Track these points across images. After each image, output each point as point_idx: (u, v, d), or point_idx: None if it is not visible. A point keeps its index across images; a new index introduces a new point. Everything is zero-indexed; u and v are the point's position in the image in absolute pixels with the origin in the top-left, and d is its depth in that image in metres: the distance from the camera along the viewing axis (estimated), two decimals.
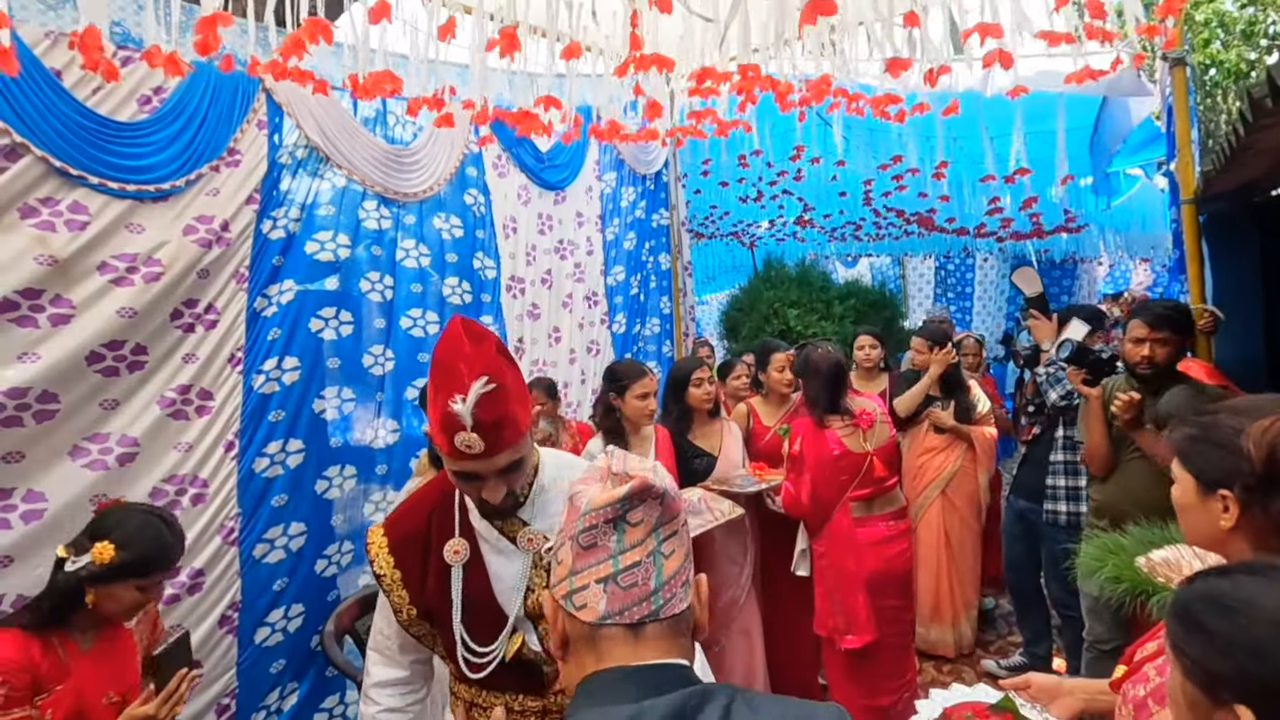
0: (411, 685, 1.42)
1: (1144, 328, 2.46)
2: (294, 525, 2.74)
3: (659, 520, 0.76)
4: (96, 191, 2.24)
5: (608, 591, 0.74)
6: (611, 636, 0.74)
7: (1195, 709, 0.73)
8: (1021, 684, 1.23)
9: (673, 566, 0.76)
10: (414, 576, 1.33)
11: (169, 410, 2.38)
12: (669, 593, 0.75)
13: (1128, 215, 6.96)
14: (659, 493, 0.77)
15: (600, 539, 0.76)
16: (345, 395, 2.96)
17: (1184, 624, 0.74)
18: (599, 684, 0.73)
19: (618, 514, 0.76)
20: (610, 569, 0.75)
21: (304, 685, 2.82)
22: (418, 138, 3.25)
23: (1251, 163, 2.04)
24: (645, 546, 0.75)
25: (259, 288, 2.63)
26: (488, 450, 1.14)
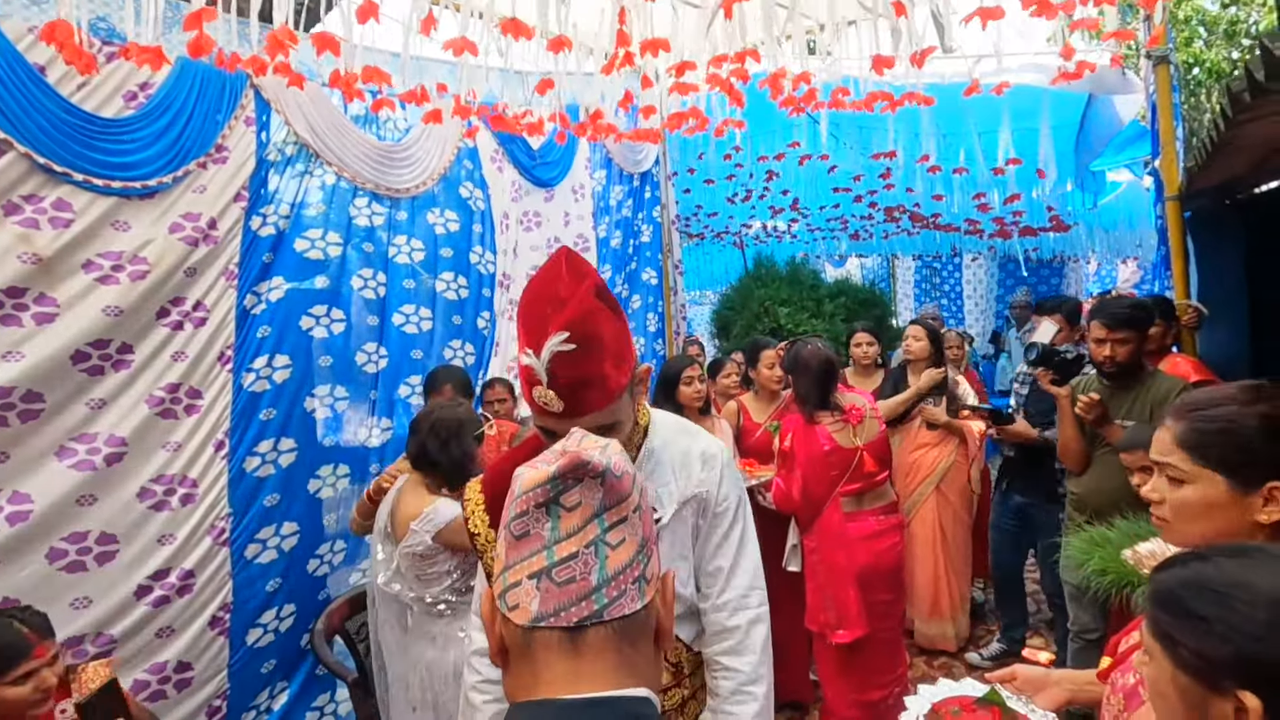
0: None
1: (1102, 329, 2.53)
2: (286, 525, 2.73)
3: (601, 504, 0.65)
4: (81, 189, 2.22)
5: (541, 588, 0.63)
6: (547, 644, 0.63)
7: (1188, 699, 0.71)
8: (1008, 675, 1.24)
9: (620, 559, 0.64)
10: None
11: (157, 409, 2.36)
12: (615, 589, 0.64)
13: (1114, 214, 7.03)
14: (597, 471, 0.65)
15: (533, 526, 0.65)
16: (338, 394, 2.94)
17: (1173, 612, 0.73)
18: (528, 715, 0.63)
19: (549, 496, 0.65)
20: (544, 561, 0.63)
21: (294, 685, 2.81)
22: (409, 134, 3.24)
23: (1233, 158, 2.07)
24: (584, 535, 0.64)
25: (249, 285, 2.61)
26: (569, 411, 1.03)
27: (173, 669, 2.40)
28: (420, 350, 3.23)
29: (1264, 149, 1.92)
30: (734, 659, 1.23)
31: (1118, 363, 2.52)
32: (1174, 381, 2.53)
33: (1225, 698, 0.67)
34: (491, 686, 1.34)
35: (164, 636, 2.37)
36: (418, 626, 2.19)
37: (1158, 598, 0.75)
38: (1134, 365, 2.55)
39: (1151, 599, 0.75)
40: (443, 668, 2.12)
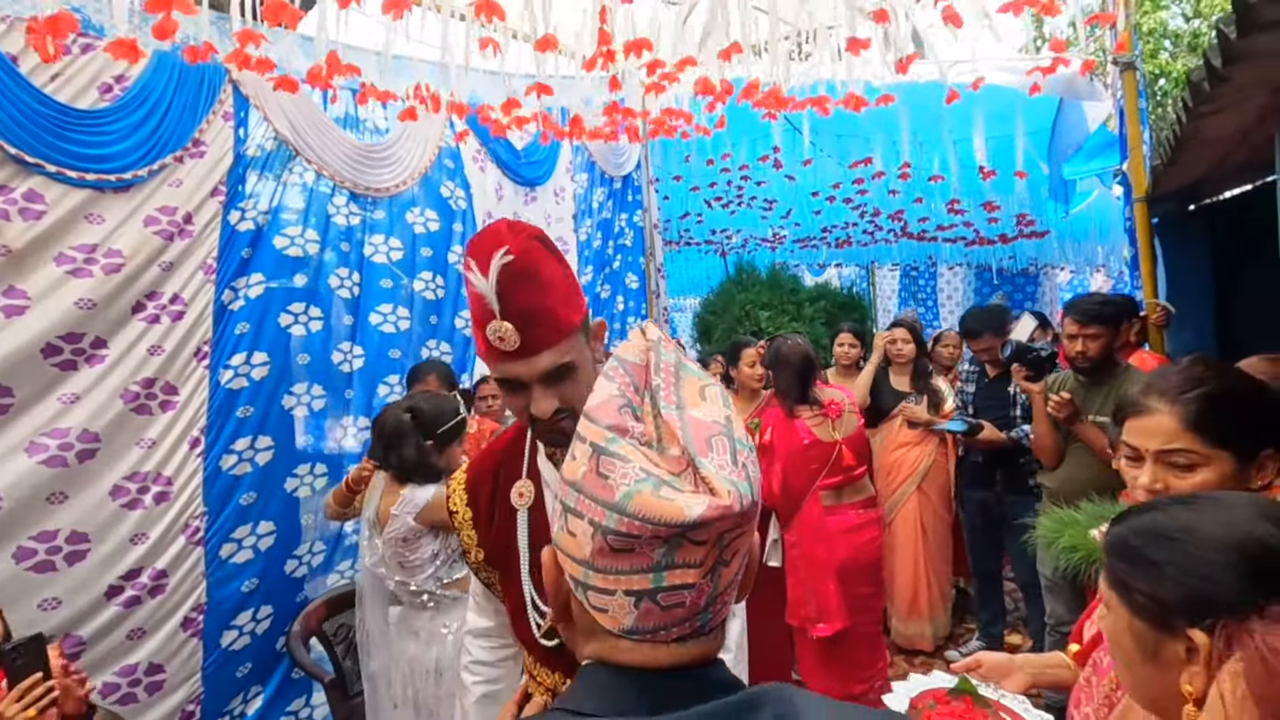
0: (501, 639, 1.34)
1: (1074, 325, 2.58)
2: (263, 524, 2.69)
3: (729, 534, 0.55)
4: (53, 180, 2.19)
5: (640, 608, 0.55)
6: (633, 647, 0.57)
7: (1143, 643, 0.73)
8: (973, 664, 1.25)
9: (731, 572, 0.57)
10: (482, 517, 1.25)
11: (132, 405, 2.32)
12: (721, 603, 0.57)
13: (1085, 223, 7.18)
14: (747, 515, 0.54)
15: (641, 548, 0.54)
16: (315, 393, 2.91)
17: (1127, 559, 0.75)
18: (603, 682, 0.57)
19: (676, 534, 0.53)
20: (648, 584, 0.54)
21: (269, 689, 2.75)
22: (389, 133, 3.24)
23: (1197, 154, 2.13)
24: (704, 566, 0.54)
25: (227, 280, 2.58)
26: (525, 347, 1.00)
27: (144, 671, 2.34)
28: (398, 350, 3.21)
29: (1227, 143, 1.98)
30: None
31: (1090, 358, 2.57)
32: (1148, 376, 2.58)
33: (1177, 638, 0.69)
34: (483, 669, 1.33)
35: (135, 638, 2.32)
36: (403, 621, 2.18)
37: (1113, 548, 0.76)
38: (1106, 360, 2.60)
39: (1107, 549, 0.77)
40: (424, 664, 2.12)
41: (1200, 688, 0.67)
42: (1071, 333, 2.60)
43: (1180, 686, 0.68)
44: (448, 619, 2.13)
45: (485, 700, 1.32)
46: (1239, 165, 2.51)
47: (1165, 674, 0.70)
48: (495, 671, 1.33)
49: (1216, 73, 1.24)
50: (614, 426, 0.56)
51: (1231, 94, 1.42)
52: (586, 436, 0.57)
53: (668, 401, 0.58)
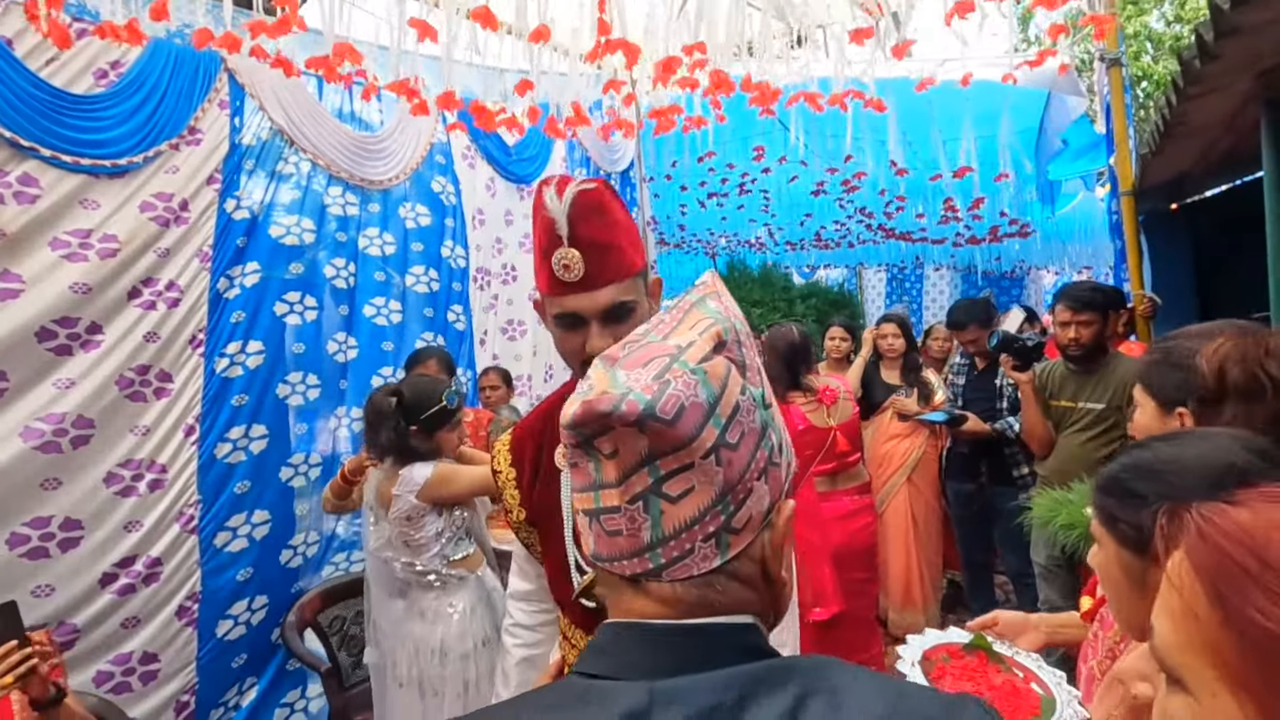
0: (541, 603, 1.34)
1: (1067, 311, 2.63)
2: (257, 513, 2.67)
3: (649, 452, 0.52)
4: (48, 164, 2.18)
5: (593, 530, 0.56)
6: (609, 581, 0.56)
7: (1131, 574, 0.75)
8: (990, 621, 1.28)
9: (683, 514, 0.52)
10: (526, 478, 1.25)
11: (127, 391, 2.31)
12: (676, 549, 0.53)
13: (1070, 225, 7.29)
14: (628, 418, 0.51)
15: (579, 460, 0.55)
16: (310, 382, 2.90)
17: (1114, 495, 0.77)
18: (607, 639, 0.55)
19: (577, 439, 0.54)
20: (592, 503, 0.55)
21: (263, 680, 2.73)
22: (384, 126, 3.24)
23: (1183, 144, 2.17)
24: (628, 488, 0.53)
25: (222, 268, 2.57)
26: (589, 278, 0.99)
27: (138, 660, 2.32)
28: (391, 342, 3.21)
29: (1213, 130, 2.02)
30: None
31: (1083, 344, 2.61)
32: (1136, 363, 2.63)
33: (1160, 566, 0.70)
34: (524, 631, 1.34)
35: (129, 627, 2.30)
36: (411, 604, 2.16)
37: (1103, 486, 0.79)
38: (1097, 348, 2.65)
39: (1098, 489, 0.80)
40: (429, 643, 2.11)
41: None
42: (1064, 320, 2.64)
43: None
44: (454, 598, 2.12)
45: (525, 664, 1.33)
46: (1223, 156, 2.57)
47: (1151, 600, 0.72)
48: (535, 635, 1.34)
49: (1208, 48, 1.27)
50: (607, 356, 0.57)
51: (1219, 74, 1.46)
52: None
53: (658, 334, 0.58)
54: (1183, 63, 1.43)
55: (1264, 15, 1.17)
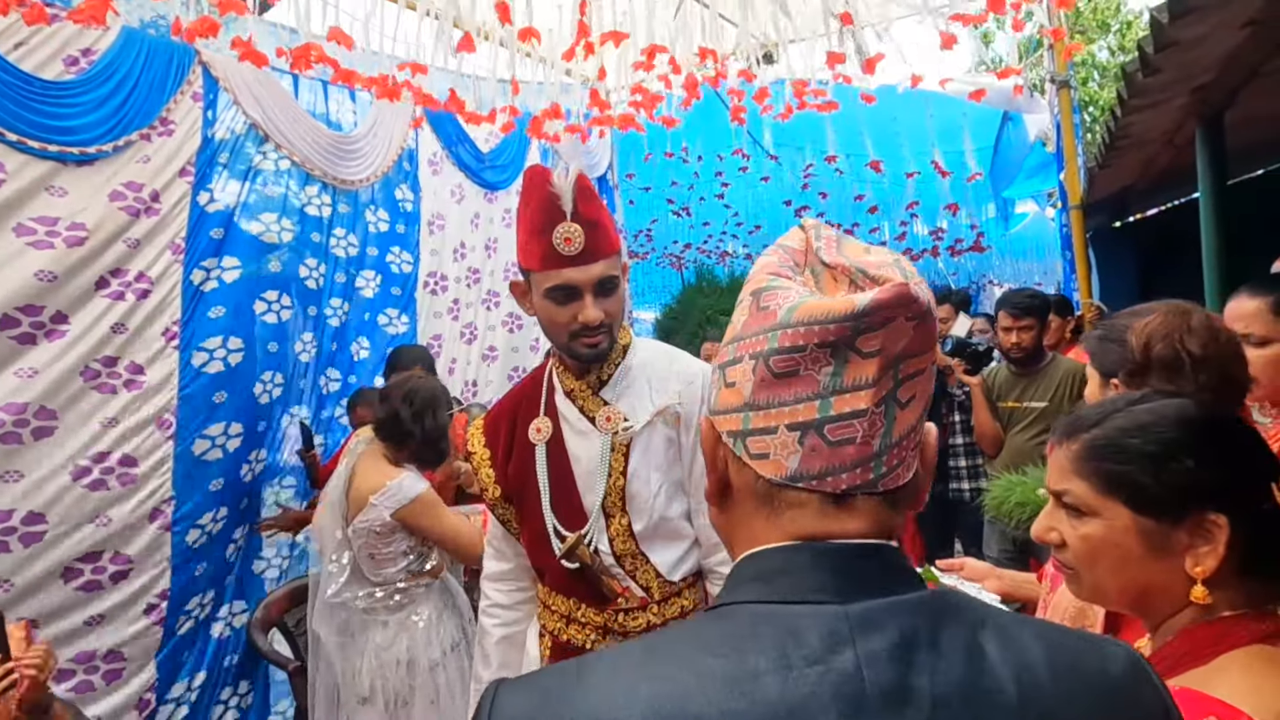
0: (518, 582, 1.39)
1: (1009, 318, 2.85)
2: (222, 509, 2.62)
3: (904, 351, 0.49)
4: (15, 150, 2.13)
5: (805, 444, 0.49)
6: (799, 503, 0.51)
7: (1147, 538, 0.73)
8: (956, 565, 1.35)
9: (908, 420, 0.51)
10: (499, 455, 1.32)
11: (93, 383, 2.26)
12: (896, 457, 0.51)
13: (1023, 243, 7.61)
14: (921, 309, 0.48)
15: (806, 367, 0.49)
16: (277, 381, 2.87)
17: (1115, 460, 0.75)
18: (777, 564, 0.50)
19: (844, 336, 0.48)
20: (815, 413, 0.49)
21: (220, 677, 2.68)
22: (358, 127, 3.24)
23: (1127, 156, 2.32)
24: (878, 390, 0.49)
25: (195, 261, 2.53)
26: (585, 252, 1.10)
27: (102, 658, 2.26)
28: (336, 343, 3.20)
29: (1154, 145, 2.17)
30: None
31: (1024, 348, 2.83)
32: (1072, 363, 2.84)
33: (1183, 526, 0.72)
34: (502, 611, 1.38)
35: (94, 624, 2.24)
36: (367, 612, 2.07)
37: (1098, 452, 0.77)
38: (1037, 350, 2.87)
39: (1090, 455, 0.77)
40: (394, 654, 2.03)
41: (1210, 567, 0.70)
42: (1006, 325, 2.85)
43: (1185, 571, 0.72)
44: (419, 608, 2.06)
45: (505, 642, 1.37)
46: (1162, 173, 2.74)
47: (1166, 564, 0.73)
48: (514, 614, 1.38)
49: (1149, 61, 1.38)
50: (774, 273, 0.54)
51: (1159, 88, 1.58)
52: (743, 295, 0.55)
53: (830, 255, 0.54)
54: (1126, 75, 1.54)
55: (1198, 30, 1.29)
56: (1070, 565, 0.80)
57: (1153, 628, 0.78)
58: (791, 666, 0.44)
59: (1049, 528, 0.82)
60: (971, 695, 0.45)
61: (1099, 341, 1.17)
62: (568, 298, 1.15)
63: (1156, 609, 0.76)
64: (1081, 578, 0.79)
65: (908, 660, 0.45)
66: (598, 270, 1.14)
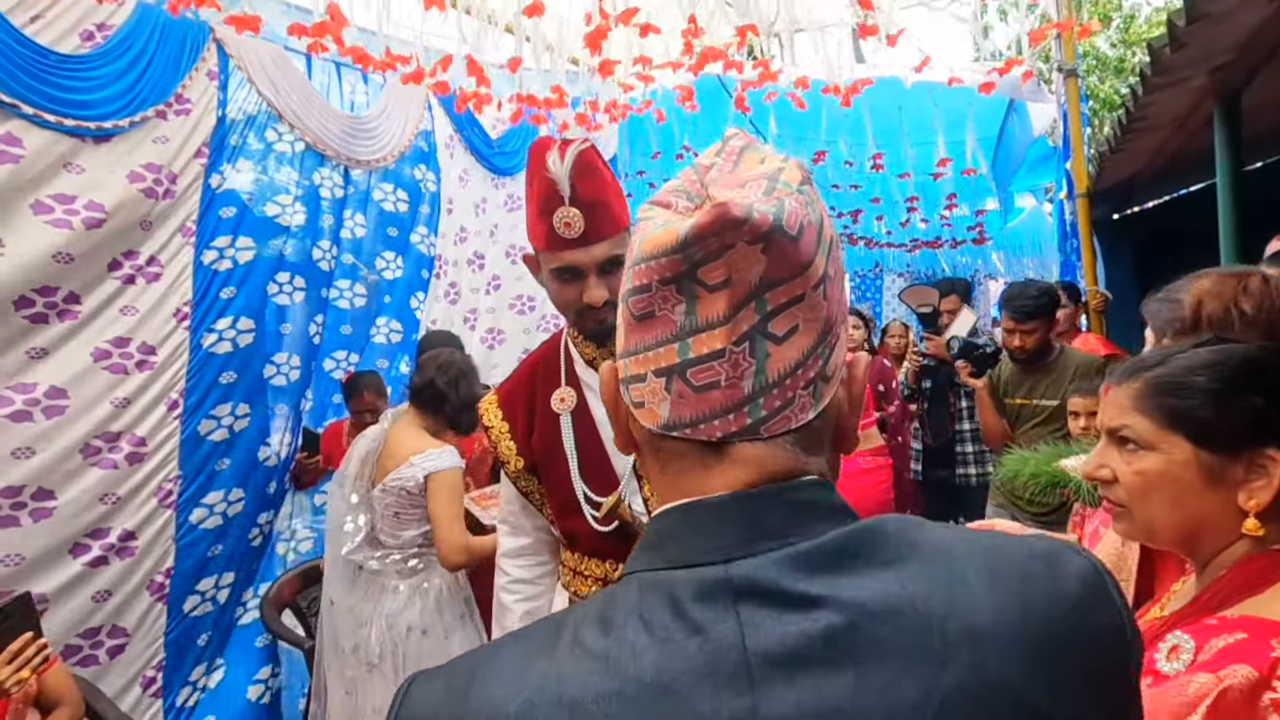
0: (538, 556, 1.38)
1: (1012, 321, 2.69)
2: (234, 491, 2.62)
3: (762, 281, 0.44)
4: (32, 124, 2.11)
5: (672, 391, 0.46)
6: (682, 453, 0.47)
7: (1206, 471, 0.76)
8: (987, 526, 1.36)
9: (789, 356, 0.45)
10: (521, 427, 1.31)
11: (104, 363, 2.24)
12: (779, 398, 0.45)
13: (1019, 238, 7.65)
14: (759, 231, 0.42)
15: (659, 307, 0.45)
16: (293, 363, 2.87)
17: (1178, 395, 0.77)
18: (665, 526, 0.47)
19: (680, 269, 0.44)
20: (675, 357, 0.45)
21: (228, 658, 2.68)
22: (372, 107, 3.23)
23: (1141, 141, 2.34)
24: (734, 326, 0.44)
25: (206, 242, 2.52)
26: (587, 234, 1.10)
27: (106, 634, 2.26)
28: (349, 325, 3.19)
29: (1167, 129, 2.19)
30: None
31: (1028, 350, 2.70)
32: (1084, 356, 2.74)
33: (1240, 461, 0.75)
34: (523, 586, 1.37)
35: (100, 600, 2.23)
36: (374, 580, 2.10)
37: (1162, 388, 0.79)
38: (1044, 349, 2.73)
39: (1153, 392, 0.80)
40: (405, 620, 2.05)
41: (1264, 501, 0.74)
42: (1009, 328, 2.70)
43: (1239, 504, 0.75)
44: (431, 576, 2.08)
45: (528, 617, 1.36)
46: (1170, 159, 2.76)
47: (1219, 496, 0.76)
48: (535, 588, 1.37)
49: (1177, 35, 1.40)
50: (656, 203, 0.49)
51: (1183, 64, 1.60)
52: None
53: (719, 173, 0.48)
54: (1151, 51, 1.56)
55: (1228, 4, 1.30)
56: (1121, 502, 0.82)
57: (1200, 564, 0.81)
58: (670, 639, 0.41)
59: (1100, 464, 0.85)
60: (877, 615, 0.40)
61: (1158, 302, 1.18)
62: (572, 278, 1.16)
63: (1206, 543, 0.79)
64: (1134, 514, 0.82)
65: (801, 615, 0.40)
66: (600, 251, 1.13)
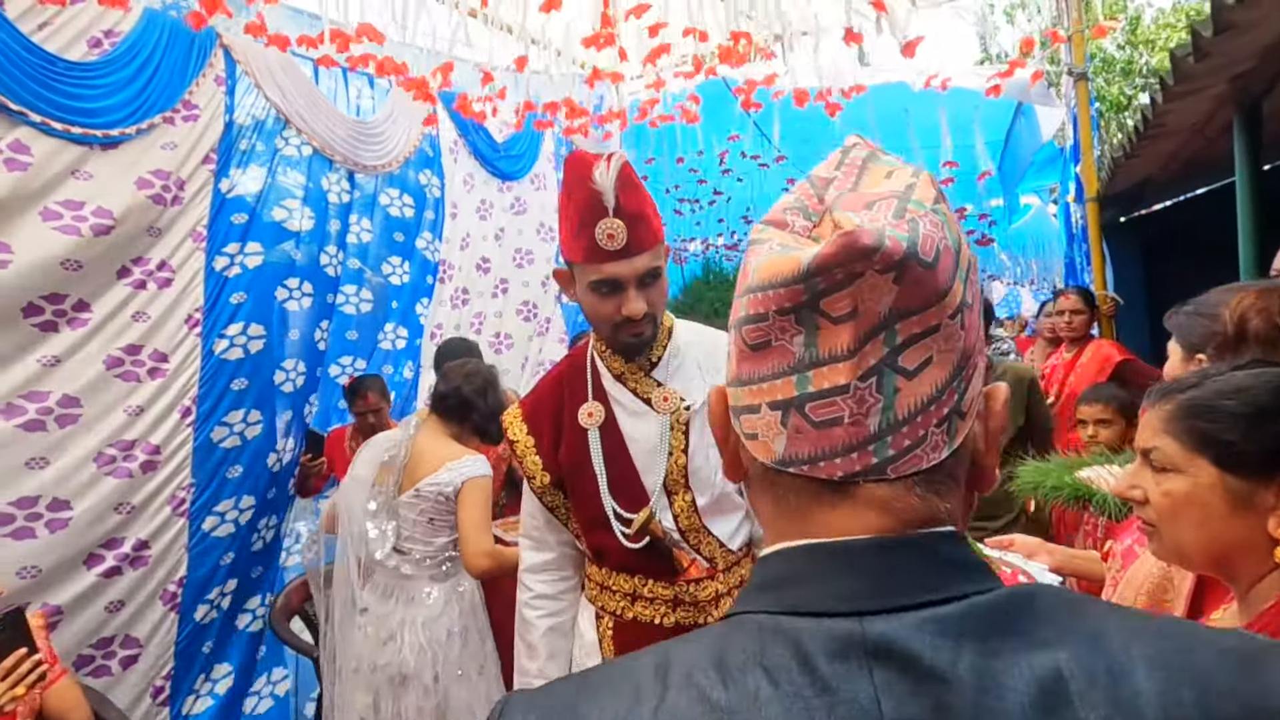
0: (561, 571, 1.38)
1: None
2: (244, 499, 2.61)
3: (892, 311, 0.40)
4: (40, 131, 2.10)
5: (789, 425, 0.42)
6: (800, 489, 0.44)
7: (1233, 495, 0.76)
8: (1005, 543, 1.35)
9: (920, 392, 0.41)
10: (546, 442, 1.30)
11: (117, 371, 2.23)
12: (910, 436, 0.42)
13: (1023, 239, 7.62)
14: (890, 260, 0.39)
15: (776, 337, 0.42)
16: (299, 369, 2.86)
17: (1207, 419, 0.78)
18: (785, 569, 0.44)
19: (802, 300, 0.41)
20: (793, 390, 0.42)
21: (235, 664, 2.67)
22: (378, 113, 3.22)
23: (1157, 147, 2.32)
24: (859, 361, 0.41)
25: (217, 248, 2.51)
26: (630, 245, 1.10)
27: (119, 644, 2.25)
28: (354, 331, 3.18)
29: (1183, 135, 2.17)
30: None
31: None
32: (1018, 368, 2.69)
33: (1270, 488, 0.75)
34: (547, 602, 1.36)
35: (113, 610, 2.23)
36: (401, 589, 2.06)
37: (1191, 411, 0.80)
38: None
39: (1183, 415, 0.80)
40: (444, 625, 2.00)
41: None
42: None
43: (1269, 532, 0.75)
44: (463, 579, 2.05)
45: (552, 633, 1.35)
46: (1184, 165, 2.75)
47: (1248, 522, 0.76)
48: (559, 604, 1.36)
49: (1201, 46, 1.38)
50: (771, 222, 0.46)
51: (1205, 73, 1.58)
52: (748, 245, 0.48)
53: (839, 189, 0.45)
54: (1173, 61, 1.54)
55: (1254, 14, 1.29)
56: (1152, 523, 0.83)
57: (1240, 591, 0.81)
58: (798, 695, 0.38)
59: (1133, 485, 0.85)
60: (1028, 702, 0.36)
61: (1187, 316, 1.17)
62: (612, 291, 1.16)
63: (1240, 569, 0.79)
64: (1163, 535, 0.82)
65: (943, 688, 0.37)
66: (641, 263, 1.14)
